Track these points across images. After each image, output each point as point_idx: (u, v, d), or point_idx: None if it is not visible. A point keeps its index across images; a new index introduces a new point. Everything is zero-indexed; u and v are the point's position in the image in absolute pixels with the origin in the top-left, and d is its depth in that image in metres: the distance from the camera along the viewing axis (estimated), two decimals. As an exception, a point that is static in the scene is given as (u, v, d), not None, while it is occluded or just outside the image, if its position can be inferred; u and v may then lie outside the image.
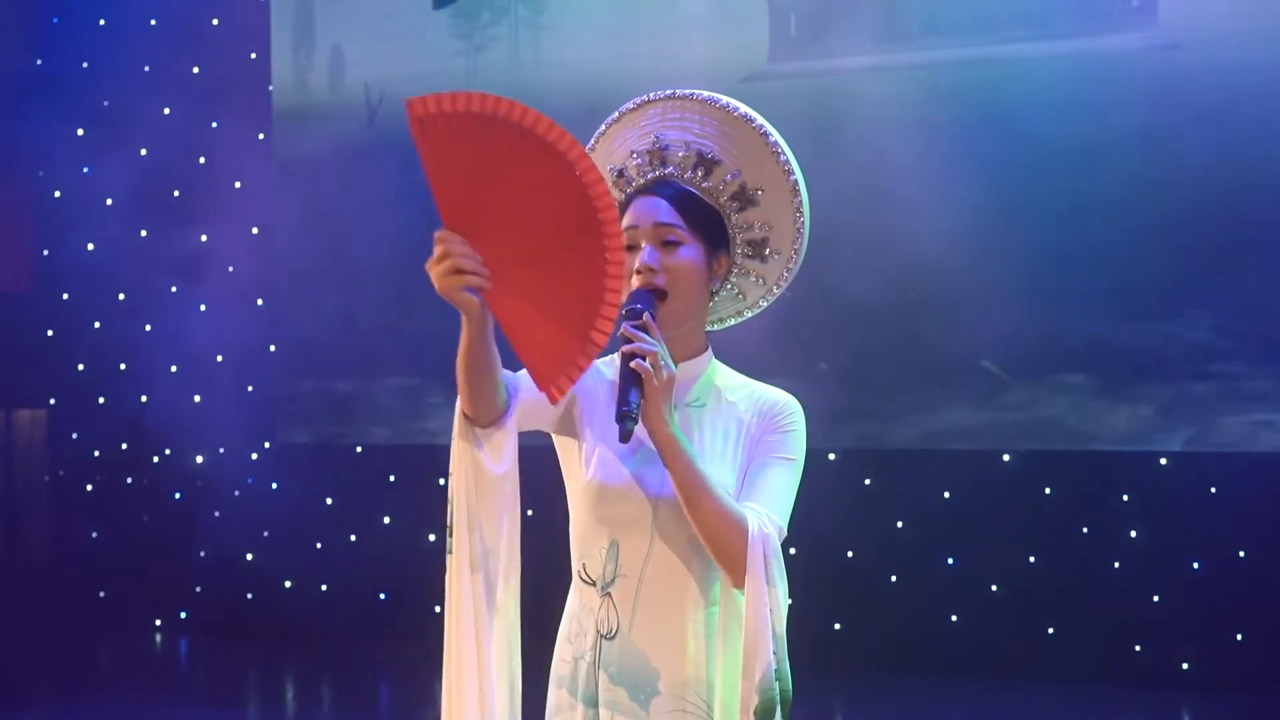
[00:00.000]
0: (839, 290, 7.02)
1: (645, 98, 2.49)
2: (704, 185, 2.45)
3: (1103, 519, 6.84)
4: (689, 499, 2.31)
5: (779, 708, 2.28)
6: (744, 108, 2.45)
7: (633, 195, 2.46)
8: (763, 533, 2.31)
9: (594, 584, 2.43)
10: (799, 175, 2.46)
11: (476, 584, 2.26)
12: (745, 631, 2.30)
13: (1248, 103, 6.57)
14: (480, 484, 2.26)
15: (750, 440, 2.43)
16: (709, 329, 2.56)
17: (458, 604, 2.26)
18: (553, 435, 2.51)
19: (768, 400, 2.46)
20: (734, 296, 2.54)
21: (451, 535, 2.28)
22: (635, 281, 2.38)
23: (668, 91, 2.48)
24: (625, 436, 2.28)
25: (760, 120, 2.45)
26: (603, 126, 2.53)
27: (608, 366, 2.49)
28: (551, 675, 2.49)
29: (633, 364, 2.30)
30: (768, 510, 2.35)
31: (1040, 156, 6.82)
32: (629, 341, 2.32)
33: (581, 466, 2.45)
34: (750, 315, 2.60)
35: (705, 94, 2.46)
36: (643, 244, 2.40)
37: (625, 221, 2.42)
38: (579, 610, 2.46)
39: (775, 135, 2.45)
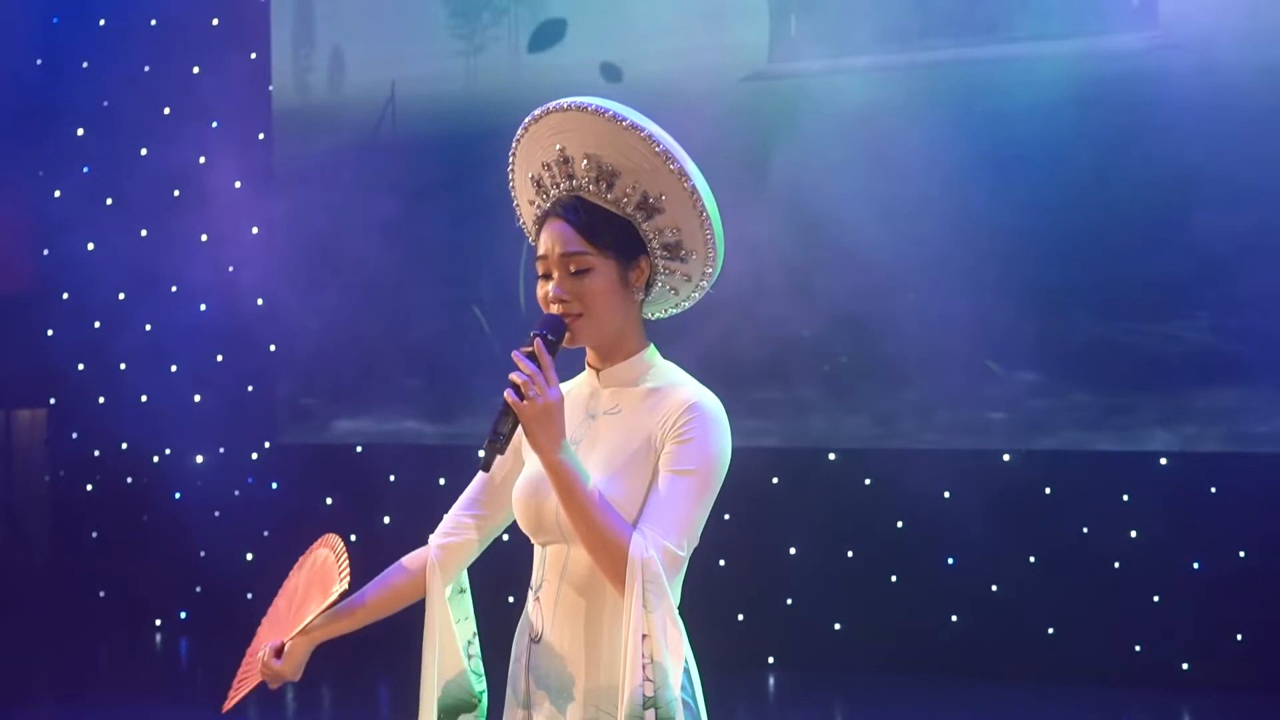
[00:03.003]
0: (839, 290, 7.02)
1: (547, 107, 2.46)
2: (609, 197, 2.43)
3: (1103, 519, 6.84)
4: (571, 521, 2.33)
5: None
6: (632, 116, 2.40)
7: (543, 216, 2.46)
8: (643, 555, 2.28)
9: (532, 589, 2.50)
10: (696, 180, 2.41)
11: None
12: (621, 653, 2.30)
13: (1248, 103, 6.56)
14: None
15: (656, 450, 2.38)
16: (656, 318, 2.58)
17: None
18: None
19: (673, 405, 2.40)
20: (667, 292, 2.53)
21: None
22: (553, 309, 2.41)
23: (567, 101, 2.44)
24: (484, 465, 2.38)
25: (650, 129, 2.39)
26: (519, 131, 2.52)
27: None
28: (508, 677, 2.56)
29: (505, 393, 2.31)
30: (657, 531, 2.31)
31: (1040, 156, 6.81)
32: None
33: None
34: (688, 305, 2.59)
35: (595, 103, 2.41)
36: (554, 273, 2.41)
37: (539, 249, 2.45)
38: (524, 614, 2.52)
39: (666, 142, 2.39)
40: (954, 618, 7.05)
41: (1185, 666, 6.72)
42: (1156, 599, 6.74)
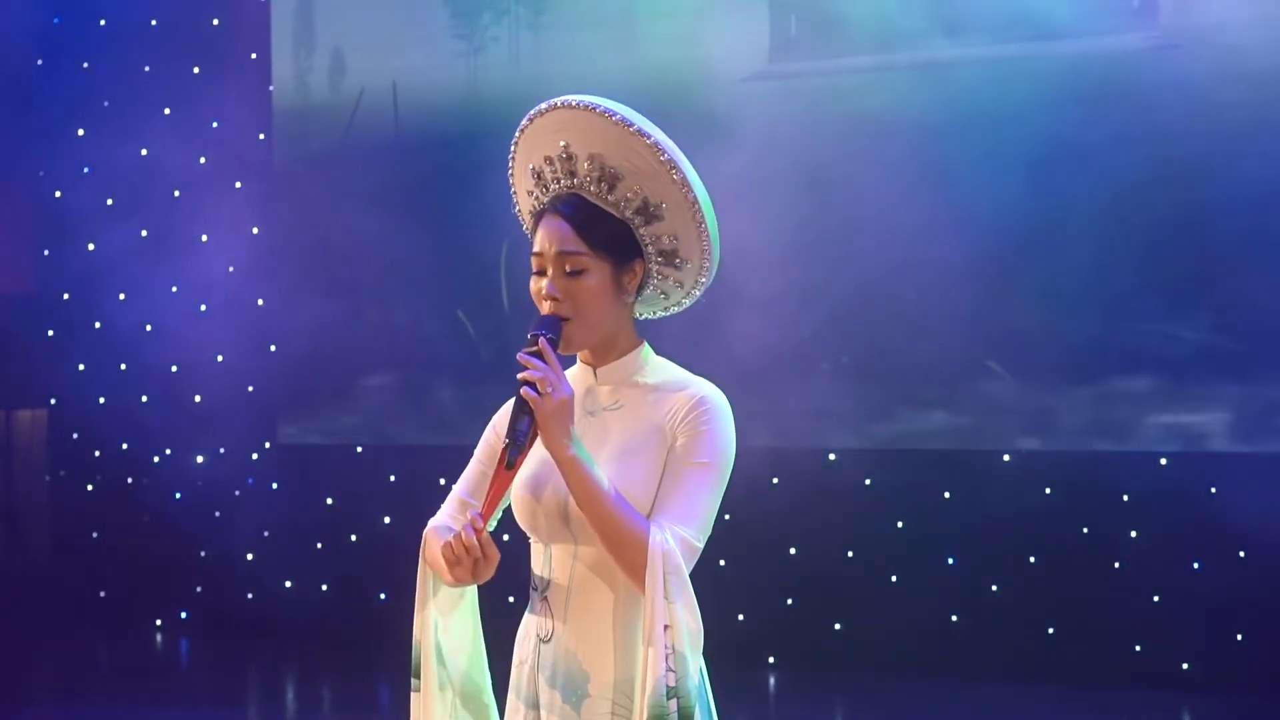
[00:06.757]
0: (839, 290, 7.02)
1: (554, 103, 2.47)
2: (609, 199, 2.44)
3: (1103, 519, 6.84)
4: (588, 517, 2.34)
5: None
6: (639, 121, 2.42)
7: (541, 211, 2.47)
8: (663, 548, 2.30)
9: (537, 589, 2.50)
10: (697, 190, 2.43)
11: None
12: (643, 645, 2.32)
13: (1247, 103, 6.56)
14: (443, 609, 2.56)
15: (666, 443, 2.42)
16: (645, 318, 2.60)
17: None
18: None
19: (682, 399, 2.44)
20: (658, 296, 2.56)
21: (417, 676, 2.52)
22: (543, 307, 2.43)
23: (575, 99, 2.45)
24: (509, 464, 2.36)
25: (656, 135, 2.41)
26: (524, 122, 2.52)
27: None
28: (509, 682, 2.56)
29: (521, 391, 2.34)
30: (674, 522, 2.34)
31: (1040, 156, 6.80)
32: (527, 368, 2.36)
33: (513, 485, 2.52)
34: (678, 310, 2.62)
35: (603, 104, 2.42)
36: (549, 270, 2.43)
37: (535, 245, 2.47)
38: (527, 616, 2.53)
39: (671, 150, 2.41)
40: (954, 618, 7.05)
41: (1185, 666, 6.72)
42: (1156, 599, 6.74)
